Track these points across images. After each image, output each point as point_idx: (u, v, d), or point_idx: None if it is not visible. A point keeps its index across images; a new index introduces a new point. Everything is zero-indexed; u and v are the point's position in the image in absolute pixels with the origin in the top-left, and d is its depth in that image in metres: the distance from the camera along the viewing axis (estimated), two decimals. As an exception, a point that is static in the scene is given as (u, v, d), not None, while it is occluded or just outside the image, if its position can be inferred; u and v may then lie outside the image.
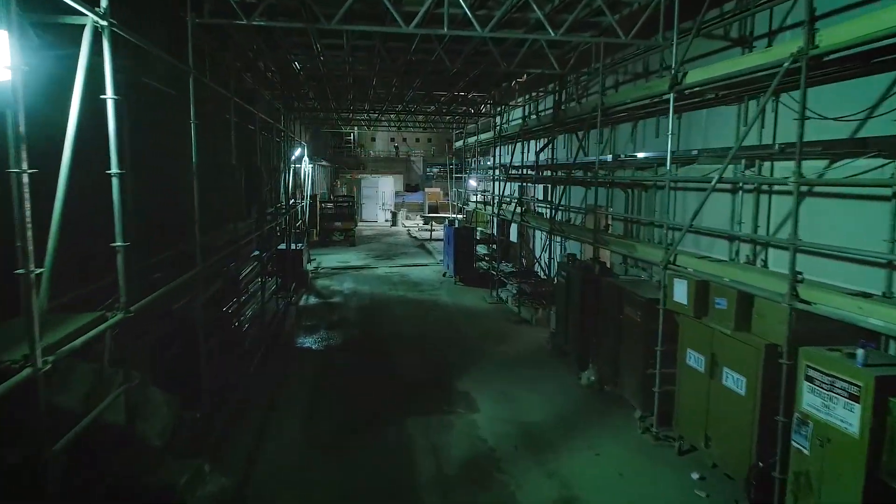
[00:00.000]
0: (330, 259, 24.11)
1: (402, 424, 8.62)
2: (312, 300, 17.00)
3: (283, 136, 16.93)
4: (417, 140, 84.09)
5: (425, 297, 17.39)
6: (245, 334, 11.03)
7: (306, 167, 22.28)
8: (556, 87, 12.88)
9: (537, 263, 16.70)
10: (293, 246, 18.52)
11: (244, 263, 12.13)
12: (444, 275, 20.55)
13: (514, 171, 17.61)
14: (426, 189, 49.71)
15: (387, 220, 40.43)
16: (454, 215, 38.88)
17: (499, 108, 17.29)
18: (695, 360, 7.49)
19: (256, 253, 12.93)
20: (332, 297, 17.25)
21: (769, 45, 7.93)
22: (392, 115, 24.01)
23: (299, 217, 21.49)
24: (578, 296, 10.68)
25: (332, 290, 18.19)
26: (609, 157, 10.69)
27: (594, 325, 10.21)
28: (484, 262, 20.41)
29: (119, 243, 4.71)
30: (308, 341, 12.83)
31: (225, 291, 9.54)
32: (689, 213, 9.60)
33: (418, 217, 42.33)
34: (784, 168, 7.54)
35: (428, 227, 35.55)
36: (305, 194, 21.68)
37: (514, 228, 20.16)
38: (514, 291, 16.23)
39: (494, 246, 20.33)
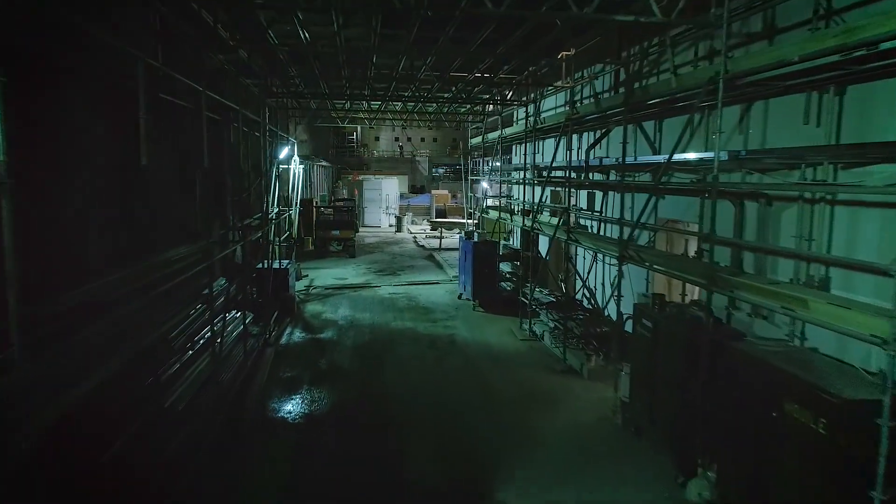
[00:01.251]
0: (325, 275, 20.53)
1: None
2: (298, 335, 13.42)
3: (263, 129, 13.39)
4: (423, 139, 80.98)
5: (439, 330, 13.79)
6: (183, 414, 7.46)
7: (296, 168, 18.76)
8: (632, 54, 9.34)
9: (584, 289, 13.09)
10: (278, 264, 14.99)
11: (186, 305, 8.58)
12: (459, 297, 16.96)
13: (549, 173, 14.05)
14: (433, 191, 46.16)
15: (391, 226, 36.89)
16: (467, 221, 35.35)
17: (532, 94, 13.71)
18: (979, 538, 3.89)
19: (220, 285, 9.35)
20: (322, 331, 13.66)
21: None
22: (398, 104, 20.29)
23: (287, 228, 17.96)
24: (679, 362, 7.07)
25: (324, 321, 14.60)
26: (718, 155, 7.08)
27: (708, 410, 6.62)
28: (509, 283, 16.81)
29: None
30: (282, 409, 9.23)
31: (136, 369, 5.98)
32: (870, 240, 6.02)
33: (425, 222, 38.77)
34: None
35: (436, 233, 31.95)
36: (294, 200, 18.21)
37: (542, 241, 16.58)
38: (552, 325, 12.65)
39: (518, 263, 16.76)
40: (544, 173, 13.63)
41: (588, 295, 12.95)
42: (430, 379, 10.64)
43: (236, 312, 11.32)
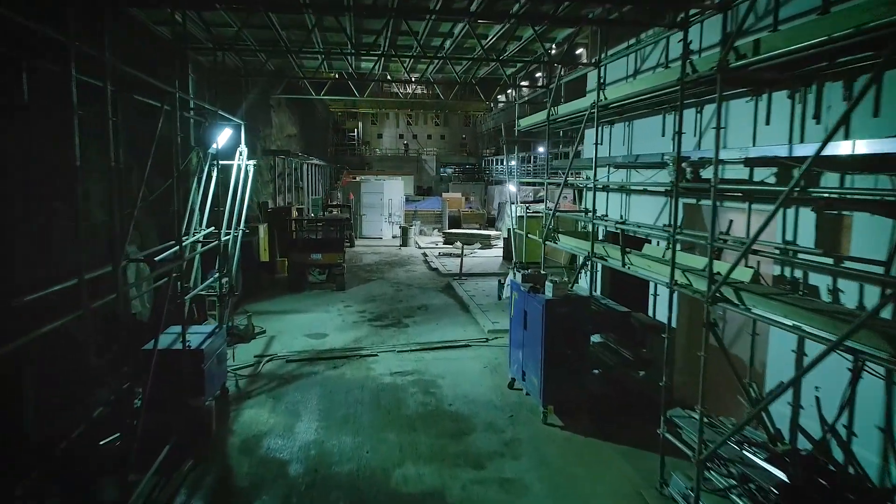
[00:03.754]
0: (295, 326, 13.28)
1: None
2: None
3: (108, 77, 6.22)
4: (429, 137, 73.84)
5: (492, 498, 6.54)
6: None
7: (243, 163, 11.52)
8: None
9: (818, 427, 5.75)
10: (183, 341, 7.80)
11: None
12: (511, 384, 9.71)
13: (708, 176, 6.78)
14: (444, 195, 38.82)
15: (394, 237, 29.63)
16: (489, 232, 28.08)
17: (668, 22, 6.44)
18: None
19: None
20: (249, 506, 6.42)
21: None
22: (407, 57, 12.80)
23: (222, 266, 10.64)
24: None
25: (263, 464, 7.32)
26: None
27: None
28: (601, 367, 9.50)
29: None
30: None
31: None
32: None
33: (436, 232, 31.50)
34: None
35: (453, 249, 24.68)
36: (235, 214, 10.87)
37: (656, 293, 9.33)
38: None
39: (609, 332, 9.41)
40: (707, 170, 6.41)
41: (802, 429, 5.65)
42: None
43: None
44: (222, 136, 11.04)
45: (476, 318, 14.09)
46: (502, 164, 60.22)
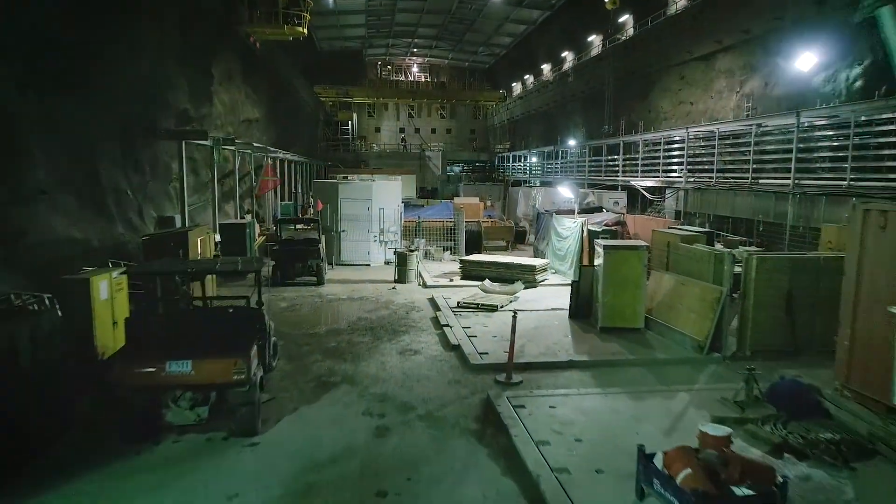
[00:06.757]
0: None
1: None
2: None
3: None
4: (434, 131, 63.65)
5: None
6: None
7: None
8: None
9: None
10: None
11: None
12: None
13: None
14: (456, 200, 28.73)
15: (388, 263, 19.68)
16: (534, 262, 17.60)
17: None
18: None
19: None
20: None
21: None
22: None
23: None
24: None
25: None
26: None
27: None
28: None
29: None
30: None
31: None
32: None
33: (447, 255, 21.52)
34: None
35: (478, 288, 14.60)
36: None
37: None
38: None
39: None
40: None
41: None
42: None
43: None
44: None
45: None
46: (520, 161, 50.25)
